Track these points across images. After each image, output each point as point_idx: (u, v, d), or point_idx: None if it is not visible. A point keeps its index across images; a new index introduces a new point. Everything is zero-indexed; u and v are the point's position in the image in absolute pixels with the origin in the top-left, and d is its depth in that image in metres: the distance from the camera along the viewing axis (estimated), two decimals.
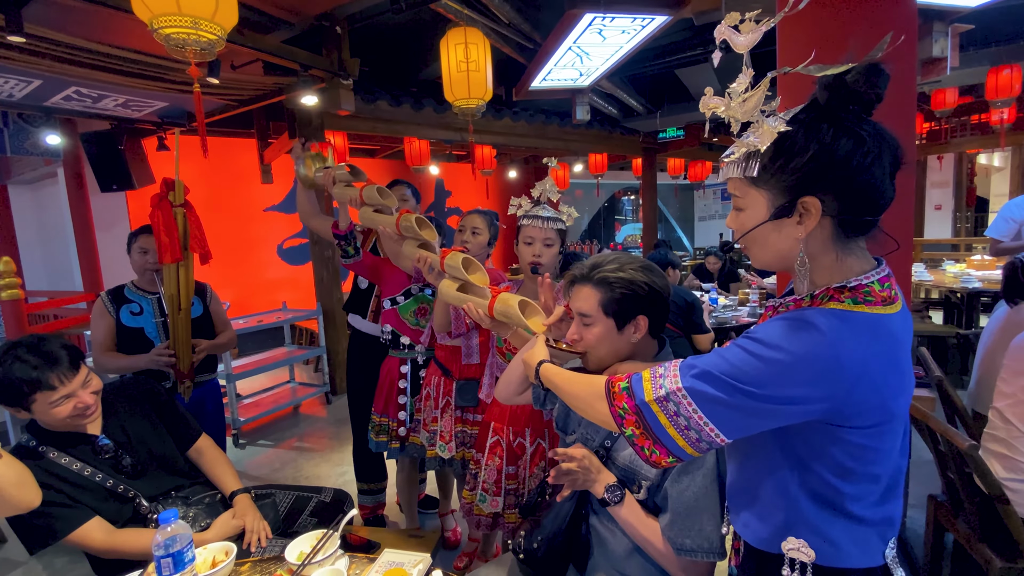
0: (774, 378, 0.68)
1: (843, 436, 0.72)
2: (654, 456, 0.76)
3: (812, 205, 0.71)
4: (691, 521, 0.98)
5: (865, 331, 0.69)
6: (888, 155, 0.71)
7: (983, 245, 6.37)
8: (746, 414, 0.70)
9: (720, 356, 0.73)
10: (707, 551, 0.98)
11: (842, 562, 0.76)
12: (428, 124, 4.90)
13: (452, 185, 8.39)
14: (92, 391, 1.41)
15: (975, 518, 1.56)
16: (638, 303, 1.08)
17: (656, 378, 0.77)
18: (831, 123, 0.69)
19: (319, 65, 3.26)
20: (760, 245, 0.78)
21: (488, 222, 1.99)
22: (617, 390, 0.81)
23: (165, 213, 1.87)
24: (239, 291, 5.86)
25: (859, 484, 0.74)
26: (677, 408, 0.73)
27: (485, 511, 1.61)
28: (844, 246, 0.75)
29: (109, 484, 1.38)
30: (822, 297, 0.74)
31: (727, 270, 5.30)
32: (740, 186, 0.77)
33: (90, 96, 3.80)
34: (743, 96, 0.72)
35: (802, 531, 0.77)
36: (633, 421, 0.77)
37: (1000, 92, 4.30)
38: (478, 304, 1.34)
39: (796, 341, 0.68)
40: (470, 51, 2.57)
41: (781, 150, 0.71)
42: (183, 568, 0.99)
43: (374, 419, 2.18)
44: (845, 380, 0.68)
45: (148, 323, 2.09)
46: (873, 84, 0.68)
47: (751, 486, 0.83)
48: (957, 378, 3.93)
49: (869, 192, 0.71)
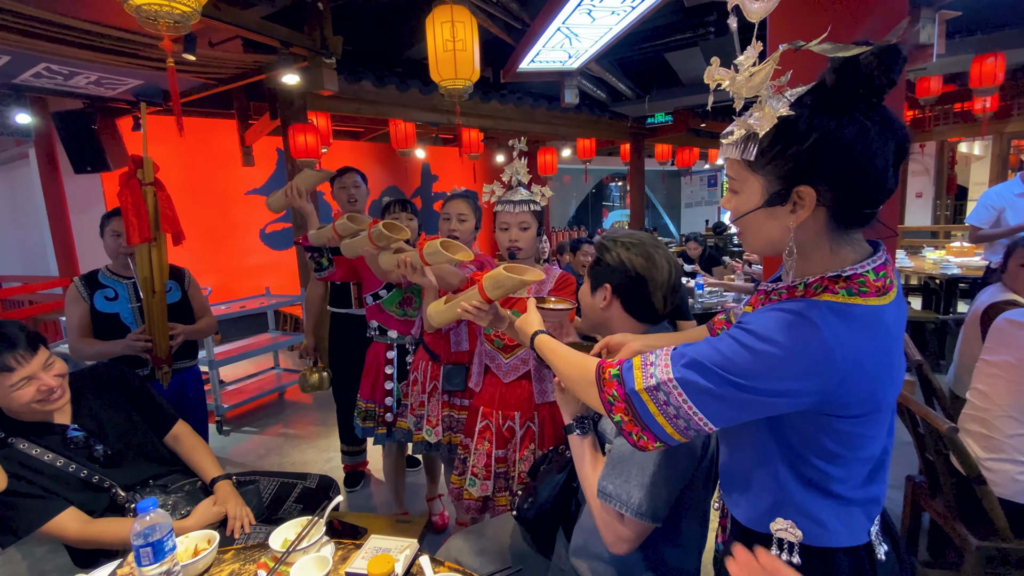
0: (766, 371, 0.67)
1: (832, 424, 0.72)
2: (641, 441, 0.76)
3: (807, 195, 0.69)
4: (620, 469, 1.01)
5: (859, 325, 0.68)
6: (893, 144, 0.67)
7: (962, 232, 6.49)
8: (735, 405, 0.70)
9: (712, 346, 0.72)
10: (624, 503, 0.98)
11: (828, 541, 0.76)
12: (414, 106, 4.81)
13: (439, 169, 8.29)
14: (56, 374, 1.37)
15: (952, 498, 1.59)
16: (605, 272, 1.18)
17: (647, 366, 0.76)
18: (836, 110, 0.66)
19: (300, 43, 3.16)
20: (752, 231, 0.77)
21: (472, 206, 1.95)
22: (608, 376, 0.80)
23: (134, 192, 1.79)
24: (221, 277, 5.75)
25: (847, 467, 0.74)
26: (667, 398, 0.72)
27: (474, 495, 1.61)
28: (839, 237, 0.73)
29: (83, 474, 1.35)
30: (816, 287, 0.72)
31: (707, 255, 5.37)
32: (737, 169, 0.74)
33: (61, 73, 3.66)
34: (750, 71, 0.67)
35: (790, 512, 0.77)
36: (622, 408, 0.77)
37: (984, 80, 4.33)
38: (471, 298, 1.30)
39: (789, 335, 0.67)
40: (457, 30, 2.50)
41: (780, 135, 0.68)
42: (163, 557, 0.97)
43: (360, 405, 2.17)
44: (837, 374, 0.67)
45: (123, 308, 2.03)
46: (887, 69, 0.63)
47: (742, 468, 0.83)
48: (935, 362, 4.02)
49: (869, 184, 0.68)
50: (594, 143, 6.57)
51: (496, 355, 1.67)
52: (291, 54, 3.17)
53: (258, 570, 1.06)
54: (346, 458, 2.80)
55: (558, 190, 11.58)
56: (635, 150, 7.26)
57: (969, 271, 4.42)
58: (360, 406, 2.17)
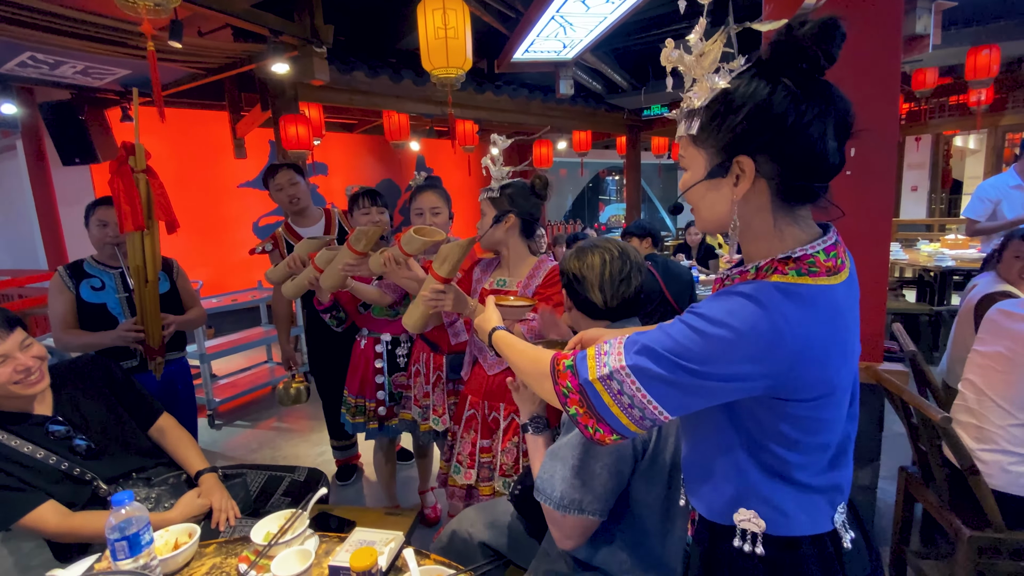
0: (716, 355, 0.66)
1: (787, 410, 0.71)
2: (598, 434, 0.74)
3: (746, 165, 0.69)
4: (548, 465, 1.05)
5: (807, 304, 0.68)
6: (834, 118, 0.67)
7: (957, 225, 6.50)
8: (689, 391, 0.69)
9: (663, 332, 0.71)
10: (548, 496, 1.03)
11: (792, 530, 0.76)
12: (407, 97, 4.76)
13: (433, 162, 8.24)
14: (33, 355, 1.34)
15: (945, 489, 1.58)
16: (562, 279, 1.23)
17: (600, 355, 0.74)
18: (768, 80, 0.67)
19: (290, 31, 3.12)
20: (699, 205, 0.77)
21: (444, 197, 1.91)
22: (561, 368, 0.78)
23: (126, 179, 1.75)
24: (213, 270, 5.70)
25: (806, 454, 0.74)
26: (620, 387, 0.71)
27: (459, 483, 1.61)
28: (785, 213, 0.72)
29: (64, 467, 1.32)
30: (766, 269, 0.72)
31: (706, 244, 5.34)
32: (685, 144, 0.76)
33: (47, 63, 3.60)
34: (700, 49, 0.70)
35: (752, 502, 0.76)
36: (577, 400, 0.75)
37: (979, 72, 4.32)
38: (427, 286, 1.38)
39: (738, 317, 0.66)
40: (448, 17, 2.47)
41: (718, 108, 0.69)
42: (140, 551, 0.94)
43: (349, 400, 2.13)
44: (787, 355, 0.66)
45: (111, 299, 2.00)
46: (822, 40, 0.63)
47: (704, 461, 0.82)
48: (929, 354, 4.02)
49: (808, 156, 0.67)
50: (590, 136, 6.54)
51: (483, 346, 1.65)
52: (281, 42, 3.12)
53: (239, 563, 1.04)
54: (337, 453, 2.78)
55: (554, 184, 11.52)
56: (631, 143, 7.23)
57: (964, 263, 4.42)
58: (349, 401, 2.12)
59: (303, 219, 2.46)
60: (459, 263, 1.38)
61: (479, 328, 1.12)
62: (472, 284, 1.74)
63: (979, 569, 1.52)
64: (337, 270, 1.75)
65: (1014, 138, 8.48)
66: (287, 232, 2.47)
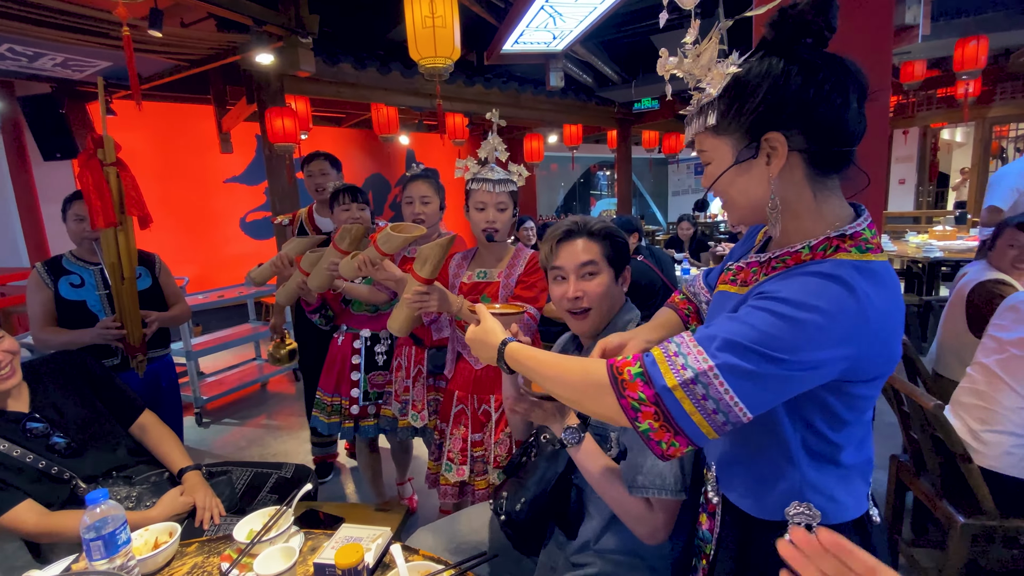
0: (808, 341, 0.62)
1: (849, 390, 0.69)
2: (671, 449, 0.66)
3: (777, 140, 0.68)
4: (642, 458, 0.97)
5: (879, 281, 0.66)
6: (852, 82, 0.68)
7: (943, 217, 6.54)
8: (773, 385, 0.64)
9: (742, 323, 0.65)
10: (659, 487, 0.95)
11: (842, 516, 0.75)
12: (396, 89, 4.69)
13: (423, 156, 8.17)
14: (4, 349, 1.31)
15: (938, 476, 1.58)
16: (625, 254, 1.18)
17: (672, 357, 0.66)
18: (780, 57, 0.68)
19: (275, 21, 3.05)
20: (732, 194, 0.75)
21: (435, 186, 1.89)
22: (628, 377, 0.67)
23: (95, 173, 1.69)
24: (200, 266, 5.62)
25: (852, 434, 0.73)
26: (706, 390, 0.64)
27: (451, 480, 1.58)
28: (821, 186, 0.72)
29: (41, 465, 1.28)
30: (824, 248, 0.70)
31: (698, 237, 5.35)
32: (704, 140, 0.75)
33: (25, 55, 3.50)
34: (696, 50, 0.70)
35: (807, 493, 0.74)
36: (652, 413, 0.66)
37: (967, 63, 4.33)
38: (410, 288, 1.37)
39: (825, 298, 0.63)
40: (436, 6, 2.42)
41: (734, 93, 0.69)
42: (116, 551, 0.91)
43: (324, 399, 2.06)
44: (869, 335, 0.64)
45: (91, 296, 1.94)
46: (821, 11, 0.65)
47: (747, 457, 0.79)
48: (918, 344, 4.05)
49: (834, 121, 0.68)
50: (581, 129, 6.51)
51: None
52: (265, 32, 3.06)
53: (222, 562, 1.01)
54: (316, 449, 2.77)
55: (545, 178, 11.51)
56: (622, 137, 7.20)
57: (952, 254, 4.46)
58: (324, 401, 2.06)
59: (325, 210, 2.45)
60: (440, 263, 1.36)
61: (483, 344, 0.95)
62: (449, 279, 1.70)
63: (972, 556, 1.52)
64: (323, 270, 1.73)
65: (1001, 131, 8.57)
66: (307, 215, 2.53)
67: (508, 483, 1.21)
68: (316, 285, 1.79)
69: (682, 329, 1.02)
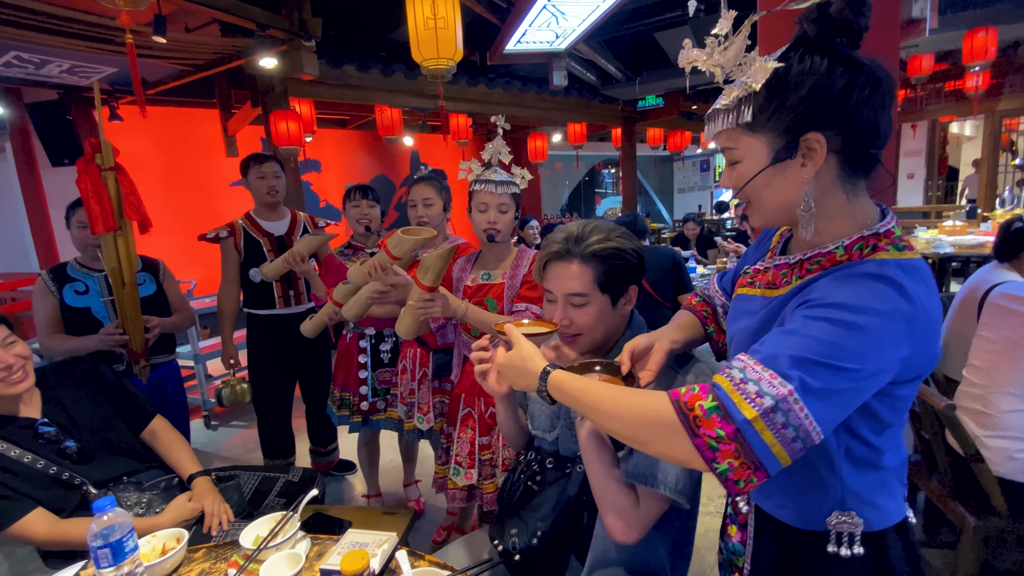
0: (873, 346, 0.60)
1: (895, 392, 0.67)
2: (748, 486, 0.61)
3: (817, 141, 0.66)
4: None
5: (921, 279, 0.65)
6: (881, 84, 0.67)
7: (954, 212, 6.47)
8: (843, 400, 0.61)
9: (803, 335, 0.61)
10: (662, 481, 0.89)
11: (884, 522, 0.74)
12: (399, 91, 4.70)
13: (428, 157, 8.17)
14: (16, 353, 1.31)
15: (948, 477, 1.56)
16: (629, 273, 1.04)
17: (741, 385, 0.60)
18: (824, 55, 0.66)
19: (278, 25, 3.06)
20: (763, 197, 0.72)
21: (438, 188, 1.90)
22: (701, 413, 0.61)
23: (93, 178, 1.69)
24: (206, 270, 5.64)
25: (891, 435, 0.72)
26: (786, 418, 0.59)
27: (459, 484, 1.57)
28: (852, 186, 0.71)
29: (52, 471, 1.29)
30: (860, 247, 0.69)
31: (704, 236, 5.33)
32: (733, 136, 0.71)
33: (32, 62, 3.54)
34: (724, 44, 0.68)
35: (849, 502, 0.73)
36: (732, 451, 0.59)
37: (975, 55, 4.28)
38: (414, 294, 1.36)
39: (879, 300, 0.61)
40: (438, 7, 2.42)
41: (776, 89, 0.66)
42: (123, 559, 0.91)
43: (335, 393, 2.16)
44: (920, 334, 0.63)
45: (95, 302, 1.96)
46: (859, 11, 0.65)
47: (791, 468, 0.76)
48: None
49: (870, 124, 0.67)
50: (585, 128, 6.49)
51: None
52: (268, 36, 3.07)
53: (228, 568, 1.02)
54: (315, 457, 2.77)
55: (549, 177, 11.48)
56: (626, 135, 7.17)
57: (962, 249, 4.41)
58: (335, 394, 2.17)
59: (272, 213, 2.42)
60: (442, 272, 1.36)
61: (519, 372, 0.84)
62: (453, 283, 1.71)
63: (986, 558, 1.50)
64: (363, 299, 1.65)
65: (1011, 123, 8.45)
66: (248, 222, 2.39)
67: (511, 522, 1.15)
68: (353, 315, 1.78)
69: (702, 331, 0.99)
